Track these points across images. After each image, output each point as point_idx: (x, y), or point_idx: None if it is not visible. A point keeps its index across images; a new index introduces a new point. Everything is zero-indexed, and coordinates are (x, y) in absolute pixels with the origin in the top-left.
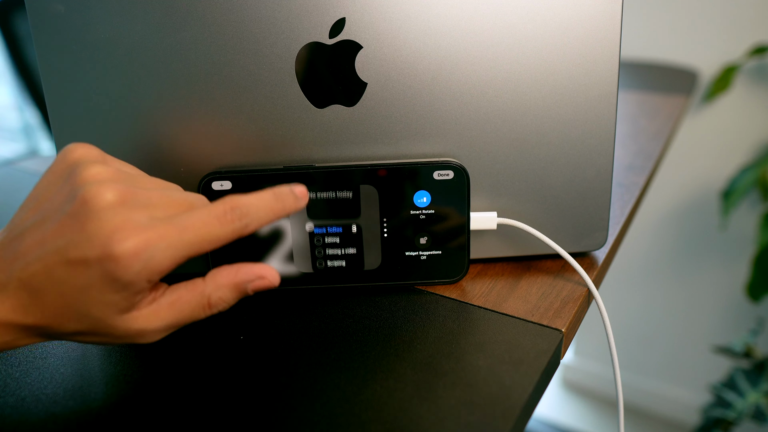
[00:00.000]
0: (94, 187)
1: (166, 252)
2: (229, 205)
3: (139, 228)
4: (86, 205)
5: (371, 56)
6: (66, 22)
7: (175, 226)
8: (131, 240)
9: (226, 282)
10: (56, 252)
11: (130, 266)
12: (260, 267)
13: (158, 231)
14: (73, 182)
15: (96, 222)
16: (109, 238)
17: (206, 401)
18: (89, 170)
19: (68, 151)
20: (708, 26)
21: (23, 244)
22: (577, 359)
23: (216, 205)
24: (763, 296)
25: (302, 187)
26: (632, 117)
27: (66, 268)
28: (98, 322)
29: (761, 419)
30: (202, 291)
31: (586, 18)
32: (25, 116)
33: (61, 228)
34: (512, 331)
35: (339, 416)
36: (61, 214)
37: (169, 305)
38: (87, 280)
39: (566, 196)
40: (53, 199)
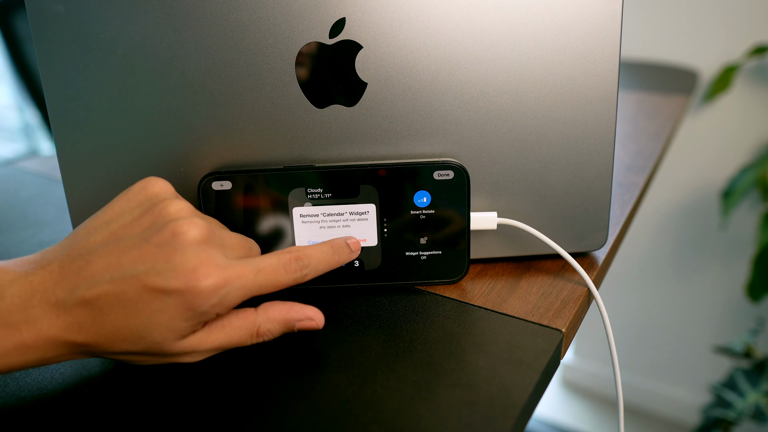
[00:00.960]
0: (185, 222)
1: (240, 291)
2: (295, 255)
3: (220, 266)
4: (176, 238)
5: (371, 56)
6: (66, 22)
7: (250, 268)
8: (213, 277)
9: (278, 317)
10: (133, 276)
11: (208, 300)
12: (310, 309)
13: (237, 270)
14: (157, 214)
15: (183, 255)
16: (195, 272)
17: (206, 401)
18: (174, 205)
19: (148, 184)
20: (708, 26)
21: (93, 266)
22: (577, 359)
23: (283, 254)
24: (763, 296)
25: (356, 240)
26: (632, 117)
27: (141, 293)
28: (155, 344)
29: (761, 419)
30: (254, 320)
31: (586, 18)
32: (25, 116)
33: (143, 255)
34: (512, 331)
35: (339, 416)
36: (143, 242)
37: (220, 329)
38: (160, 306)
39: (566, 196)
40: (129, 227)
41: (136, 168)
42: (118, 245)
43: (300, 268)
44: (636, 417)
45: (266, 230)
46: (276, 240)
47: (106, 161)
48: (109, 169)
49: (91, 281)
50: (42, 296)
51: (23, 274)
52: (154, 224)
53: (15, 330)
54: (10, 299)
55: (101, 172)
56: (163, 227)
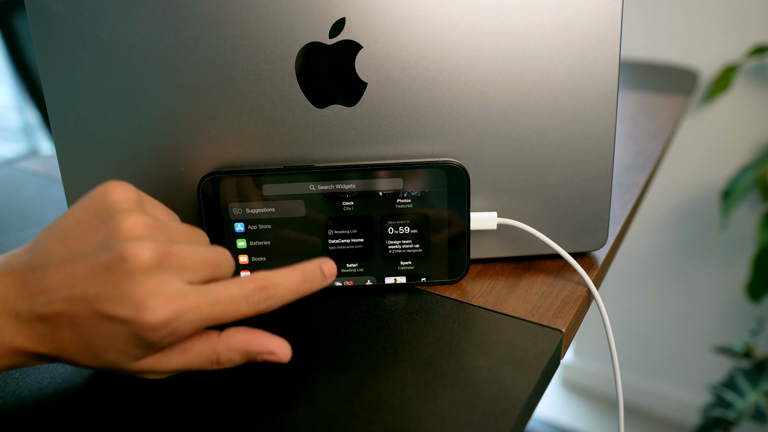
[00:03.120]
0: (134, 245)
1: (193, 323)
2: (259, 284)
3: (172, 297)
4: (124, 264)
5: (371, 56)
6: (66, 22)
7: (206, 299)
8: (164, 309)
9: (239, 347)
10: (84, 299)
11: (156, 332)
12: (273, 342)
13: (190, 301)
14: (110, 230)
15: (131, 283)
16: (143, 303)
17: (206, 401)
18: (129, 221)
19: (107, 191)
20: (708, 26)
21: (48, 279)
22: (577, 359)
23: (246, 283)
24: (763, 296)
25: (331, 263)
26: (632, 117)
27: (92, 317)
28: (112, 364)
29: (761, 419)
30: (214, 347)
31: (586, 18)
32: (25, 116)
33: (93, 276)
34: (512, 331)
35: (339, 416)
36: (94, 261)
37: (181, 352)
38: (110, 331)
39: (566, 196)
40: (85, 239)
41: (136, 168)
42: (72, 261)
43: (264, 299)
44: (636, 417)
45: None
46: None
47: (106, 161)
48: (109, 169)
49: (47, 297)
50: (3, 306)
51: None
52: (106, 243)
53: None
54: None
55: (101, 172)
56: (112, 248)
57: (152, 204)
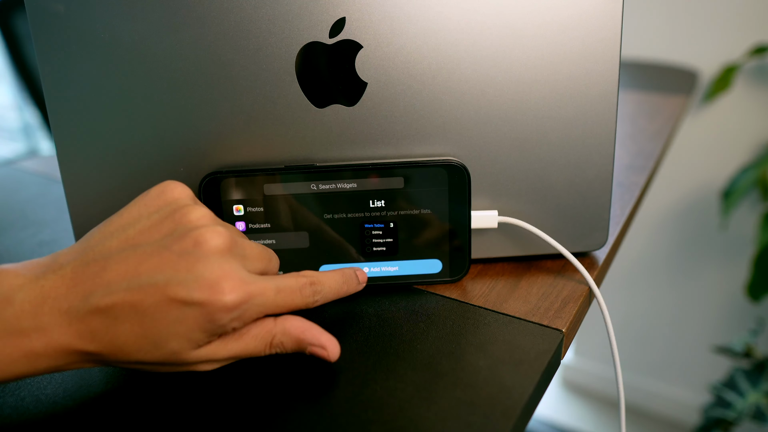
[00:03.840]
0: (208, 231)
1: (260, 308)
2: (310, 280)
3: (243, 281)
4: (199, 247)
5: (371, 56)
6: (66, 22)
7: (272, 286)
8: (237, 291)
9: (293, 334)
10: (152, 286)
11: (229, 314)
12: (326, 337)
13: (259, 287)
14: (177, 221)
15: (206, 266)
16: (218, 284)
17: (206, 401)
18: (196, 212)
19: (167, 189)
20: (708, 26)
21: (108, 272)
22: (577, 359)
23: (300, 277)
24: (763, 296)
25: (363, 272)
26: (632, 117)
27: (160, 302)
28: (171, 354)
29: (761, 419)
30: (271, 330)
31: (586, 18)
32: (25, 116)
33: (162, 263)
34: (512, 331)
35: (339, 416)
36: (162, 249)
37: (237, 338)
38: (180, 316)
39: (566, 196)
40: (148, 233)
41: (136, 168)
42: (136, 252)
43: (313, 294)
44: (636, 417)
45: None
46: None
47: (106, 161)
48: (109, 169)
49: (107, 289)
50: (54, 303)
51: (34, 279)
52: (175, 231)
53: (24, 337)
54: (20, 305)
55: (101, 172)
56: (185, 235)
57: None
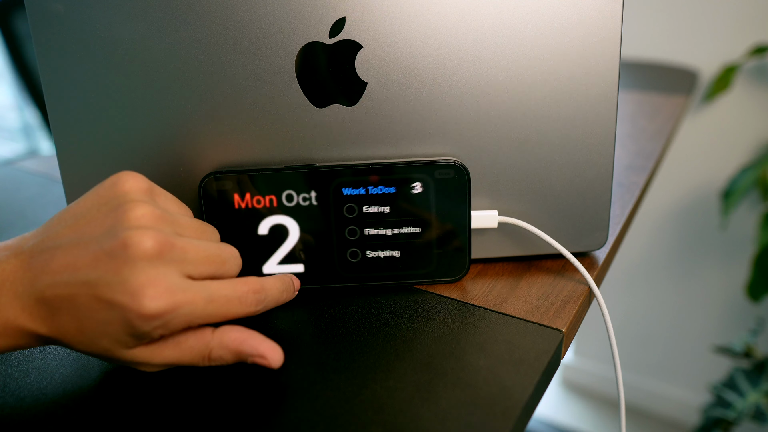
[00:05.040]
0: (137, 233)
1: (186, 317)
2: (252, 287)
3: (169, 289)
4: (126, 251)
5: (371, 56)
6: (66, 22)
7: (202, 295)
8: (160, 300)
9: (231, 347)
10: (86, 283)
11: (151, 322)
12: (266, 346)
13: (187, 296)
14: (117, 218)
15: (131, 270)
16: (140, 292)
17: (206, 401)
18: (136, 210)
19: (119, 180)
20: (708, 26)
21: (54, 262)
22: (577, 359)
23: (240, 285)
24: (763, 296)
25: (297, 280)
26: (632, 117)
27: (91, 301)
28: (105, 350)
29: (761, 419)
30: (207, 343)
31: (586, 18)
32: (25, 116)
33: (96, 261)
34: (512, 331)
35: (339, 416)
36: (98, 247)
37: (174, 345)
38: (107, 317)
39: (566, 196)
40: (93, 225)
41: (136, 168)
42: (79, 245)
43: (256, 302)
44: (636, 417)
45: (267, 230)
46: (277, 240)
47: (106, 161)
48: (108, 169)
49: (51, 280)
50: (11, 286)
51: None
52: (112, 229)
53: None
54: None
55: (101, 172)
56: (116, 235)
57: (164, 196)
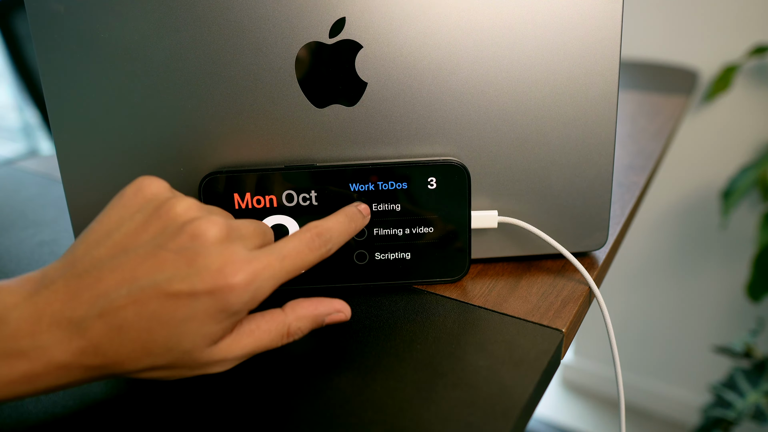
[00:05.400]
0: (202, 222)
1: (270, 281)
2: (315, 231)
3: (245, 261)
4: (197, 240)
5: (371, 56)
6: (66, 22)
7: (275, 256)
8: (242, 273)
9: (307, 314)
10: (154, 286)
11: (242, 296)
12: (337, 302)
13: (263, 262)
14: (165, 218)
15: (207, 257)
16: (223, 271)
17: (206, 401)
18: (180, 204)
19: (143, 185)
20: (708, 26)
21: (104, 282)
22: (577, 359)
23: (303, 233)
24: (763, 296)
25: (365, 205)
26: (632, 117)
27: (164, 302)
28: (184, 354)
29: (761, 419)
30: (283, 321)
31: (586, 18)
32: (25, 116)
33: (159, 264)
34: (512, 331)
35: (339, 416)
36: (156, 249)
37: (249, 333)
38: (189, 313)
39: (566, 196)
40: (134, 234)
41: (136, 168)
42: (128, 256)
43: (324, 243)
44: (636, 417)
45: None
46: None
47: (106, 161)
48: (108, 169)
49: (106, 298)
50: (51, 319)
51: (27, 296)
52: (166, 229)
53: (23, 358)
54: (15, 324)
55: (101, 172)
56: (179, 231)
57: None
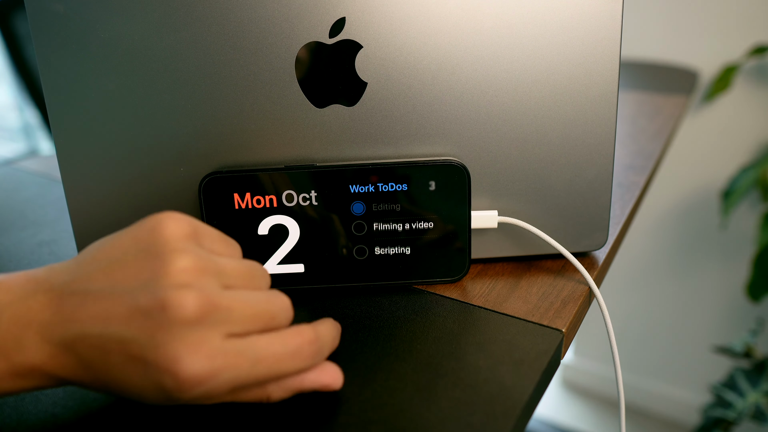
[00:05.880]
0: (177, 295)
1: (230, 383)
2: (307, 338)
3: (209, 354)
4: (164, 313)
5: (371, 56)
6: (66, 22)
7: (248, 357)
8: (197, 368)
9: (292, 387)
10: (119, 341)
11: (190, 390)
12: (325, 375)
13: (229, 360)
14: (156, 270)
15: (169, 335)
16: (177, 359)
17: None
18: (177, 263)
19: (159, 224)
20: (708, 26)
21: (84, 309)
22: (577, 359)
23: (291, 338)
24: (763, 296)
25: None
26: (632, 117)
27: (125, 360)
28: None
29: (761, 419)
30: (265, 388)
31: (586, 18)
32: (25, 116)
33: (130, 318)
34: (512, 331)
35: (339, 416)
36: (133, 302)
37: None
38: (141, 380)
39: (567, 196)
40: (128, 273)
41: (136, 168)
42: (112, 296)
43: (313, 355)
44: (636, 417)
45: (267, 230)
46: (277, 240)
47: (106, 161)
48: (109, 169)
49: (81, 330)
50: (37, 327)
51: (23, 297)
52: (149, 284)
53: (6, 357)
54: (5, 324)
55: (101, 172)
56: (154, 293)
57: (210, 237)
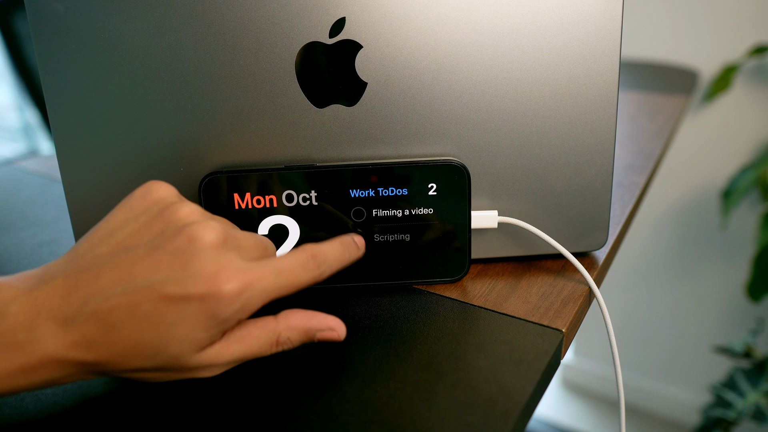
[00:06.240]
0: (200, 226)
1: (262, 294)
2: (310, 253)
3: (240, 270)
4: (193, 244)
5: (371, 56)
6: (66, 22)
7: (270, 270)
8: (235, 281)
9: (299, 326)
10: (148, 287)
11: (231, 305)
12: (332, 319)
13: (257, 273)
14: (167, 220)
15: (201, 261)
16: (216, 277)
17: (206, 401)
18: (184, 209)
19: (152, 189)
20: (708, 26)
21: (102, 279)
22: (577, 359)
23: (299, 253)
24: (763, 296)
25: (361, 238)
26: (632, 117)
27: (157, 304)
28: (172, 358)
29: (761, 419)
30: (274, 329)
31: (586, 18)
32: (25, 116)
33: (156, 264)
34: (512, 331)
35: (339, 416)
36: (154, 249)
37: (239, 340)
38: (179, 317)
39: (567, 196)
40: (136, 235)
41: (136, 168)
42: (128, 255)
43: (317, 266)
44: (636, 417)
45: (267, 230)
46: (277, 240)
47: (106, 161)
48: (108, 169)
49: (101, 295)
50: (48, 314)
51: (27, 290)
52: (166, 230)
53: (19, 351)
54: (13, 318)
55: (101, 171)
56: (177, 233)
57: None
